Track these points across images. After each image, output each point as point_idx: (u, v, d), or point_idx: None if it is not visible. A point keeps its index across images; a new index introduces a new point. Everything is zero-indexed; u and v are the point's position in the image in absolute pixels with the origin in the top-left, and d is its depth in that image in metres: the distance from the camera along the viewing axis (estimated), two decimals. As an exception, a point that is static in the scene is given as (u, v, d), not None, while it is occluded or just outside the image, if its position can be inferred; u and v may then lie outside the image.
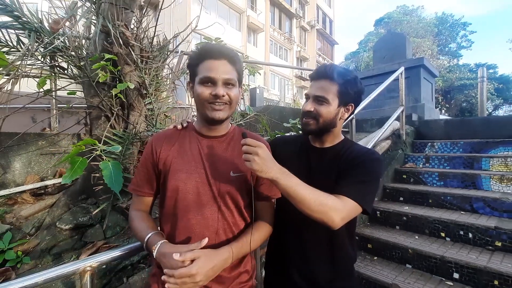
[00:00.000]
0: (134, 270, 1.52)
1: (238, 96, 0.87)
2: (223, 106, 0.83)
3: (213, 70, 0.81)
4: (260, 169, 0.71)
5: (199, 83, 0.83)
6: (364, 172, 0.88)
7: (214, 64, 0.81)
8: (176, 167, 0.85)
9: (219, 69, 0.81)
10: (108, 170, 1.22)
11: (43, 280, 0.91)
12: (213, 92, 0.81)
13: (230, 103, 0.84)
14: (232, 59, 0.84)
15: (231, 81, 0.83)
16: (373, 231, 2.37)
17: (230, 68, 0.83)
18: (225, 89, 0.82)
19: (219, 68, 0.81)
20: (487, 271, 1.72)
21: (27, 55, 1.90)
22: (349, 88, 0.95)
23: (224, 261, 0.78)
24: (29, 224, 1.80)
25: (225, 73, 0.82)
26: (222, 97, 0.81)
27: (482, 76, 5.00)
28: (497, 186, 2.54)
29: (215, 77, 0.81)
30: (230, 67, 0.83)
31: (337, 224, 0.77)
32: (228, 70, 0.82)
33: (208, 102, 0.82)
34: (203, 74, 0.82)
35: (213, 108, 0.82)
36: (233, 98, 0.84)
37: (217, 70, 0.81)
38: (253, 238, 0.85)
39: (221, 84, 0.82)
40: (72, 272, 0.97)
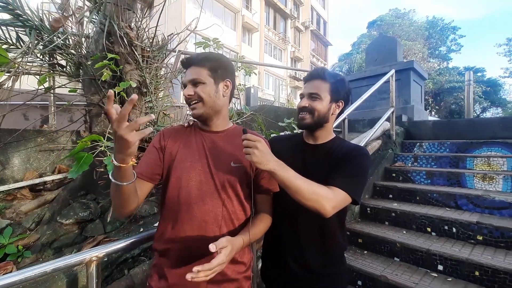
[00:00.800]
0: (135, 262, 1.57)
1: (208, 91, 0.92)
2: (194, 104, 0.93)
3: (185, 77, 0.95)
4: (259, 161, 0.78)
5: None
6: (353, 166, 0.98)
7: (186, 72, 0.96)
8: (181, 157, 0.93)
9: (187, 75, 0.94)
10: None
11: (51, 269, 0.96)
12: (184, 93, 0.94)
13: (201, 99, 0.92)
14: (199, 62, 0.93)
15: (197, 80, 0.92)
16: (363, 226, 2.48)
17: (197, 70, 0.93)
18: (193, 88, 0.92)
19: (187, 74, 0.95)
20: (468, 263, 1.84)
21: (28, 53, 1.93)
22: (339, 86, 1.07)
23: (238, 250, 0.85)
24: (29, 219, 1.82)
25: (190, 75, 0.93)
26: (189, 96, 0.92)
27: (469, 79, 5.19)
28: (480, 184, 2.67)
29: (184, 81, 0.95)
30: (198, 69, 0.93)
31: (328, 212, 0.85)
32: (193, 72, 0.93)
33: (187, 103, 0.96)
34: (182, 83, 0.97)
35: (191, 108, 0.94)
36: (201, 94, 0.92)
37: (186, 76, 0.95)
38: (253, 230, 0.92)
39: (189, 86, 0.93)
40: (79, 261, 1.02)
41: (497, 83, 19.88)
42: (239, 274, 0.95)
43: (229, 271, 0.92)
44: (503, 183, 2.57)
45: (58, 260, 0.99)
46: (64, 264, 0.99)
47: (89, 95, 1.94)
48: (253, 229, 0.93)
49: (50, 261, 0.98)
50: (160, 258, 0.92)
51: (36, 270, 0.93)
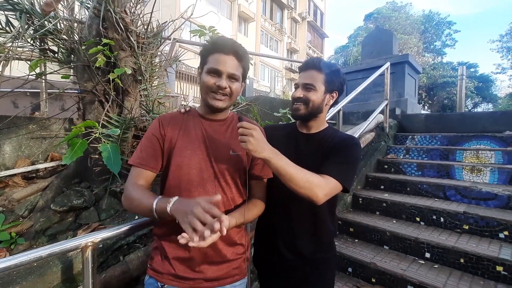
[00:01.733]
0: (130, 249, 1.59)
1: (239, 90, 0.96)
2: (224, 97, 0.91)
3: (221, 63, 0.89)
4: (254, 149, 0.79)
5: (206, 72, 0.91)
6: (344, 155, 1.01)
7: (222, 58, 0.89)
8: (181, 145, 0.93)
9: (226, 63, 0.89)
10: (107, 152, 1.27)
11: (47, 253, 0.95)
12: (217, 82, 0.89)
13: (231, 95, 0.93)
14: (240, 56, 0.92)
15: (235, 76, 0.91)
16: (355, 216, 2.54)
17: (236, 63, 0.91)
18: (228, 82, 0.90)
19: (226, 62, 0.89)
20: (454, 251, 1.92)
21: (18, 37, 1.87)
22: (334, 77, 1.08)
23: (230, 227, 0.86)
24: (22, 207, 1.81)
25: (231, 68, 0.90)
26: (224, 89, 0.90)
27: (462, 74, 5.26)
28: (468, 176, 2.75)
29: (221, 69, 0.89)
30: (237, 63, 0.92)
31: (320, 199, 0.88)
32: (234, 65, 0.91)
33: (211, 90, 0.91)
34: (211, 65, 0.90)
35: (214, 97, 0.91)
36: (234, 91, 0.93)
37: (224, 63, 0.89)
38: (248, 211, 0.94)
39: (225, 77, 0.90)
40: (75, 247, 1.01)
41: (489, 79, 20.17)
42: (238, 255, 0.98)
43: (228, 252, 0.94)
44: (490, 175, 2.65)
45: (53, 245, 0.98)
46: (59, 249, 0.99)
47: (82, 82, 1.90)
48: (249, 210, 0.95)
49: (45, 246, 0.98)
50: (161, 241, 0.94)
51: (32, 255, 0.93)
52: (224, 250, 0.92)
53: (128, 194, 0.89)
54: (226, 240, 0.92)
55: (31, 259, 0.93)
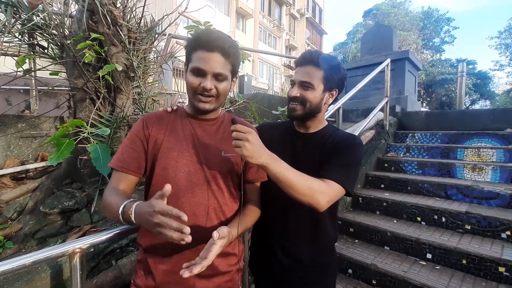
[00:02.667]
0: (123, 253, 1.52)
1: (227, 89, 0.87)
2: (210, 98, 0.84)
3: (205, 62, 0.80)
4: (251, 155, 0.72)
5: (190, 71, 0.83)
6: (347, 156, 0.94)
7: (206, 56, 0.80)
8: (167, 146, 0.85)
9: (210, 62, 0.80)
10: (96, 153, 1.20)
11: (31, 261, 0.89)
12: (202, 83, 0.81)
13: (218, 96, 0.85)
14: (226, 52, 0.82)
15: (222, 75, 0.83)
16: (355, 216, 2.49)
17: (222, 61, 0.82)
18: (214, 82, 0.82)
19: (211, 60, 0.80)
20: (456, 251, 1.87)
21: (4, 32, 1.79)
22: (334, 73, 0.99)
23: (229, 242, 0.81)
24: (11, 209, 1.74)
25: (216, 67, 0.81)
26: (209, 90, 0.82)
27: (462, 71, 5.21)
28: (469, 175, 2.71)
29: (205, 69, 0.80)
30: (223, 60, 0.82)
31: (323, 206, 0.82)
32: (220, 63, 0.81)
33: (196, 92, 0.83)
34: (195, 64, 0.81)
35: (200, 99, 0.83)
36: (221, 92, 0.84)
37: (208, 62, 0.80)
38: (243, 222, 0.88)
39: (210, 78, 0.81)
40: (61, 254, 0.95)
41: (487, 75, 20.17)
42: (231, 267, 0.92)
43: (220, 264, 0.88)
44: (492, 173, 2.61)
45: (38, 252, 0.93)
46: (44, 256, 0.93)
47: (73, 79, 1.82)
48: (243, 220, 0.88)
49: (29, 253, 0.92)
50: (145, 254, 0.87)
51: (15, 263, 0.87)
52: (215, 262, 0.85)
53: (104, 200, 0.82)
54: None
55: (13, 267, 0.87)
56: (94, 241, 1.03)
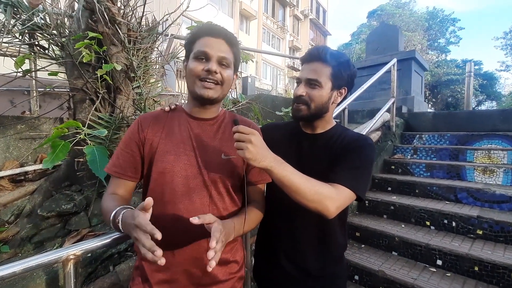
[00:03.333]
0: (121, 258, 1.48)
1: (231, 79, 0.83)
2: (213, 85, 0.79)
3: (209, 46, 0.78)
4: (254, 157, 0.67)
5: (193, 57, 0.79)
6: (357, 158, 0.87)
7: (211, 40, 0.79)
8: (163, 149, 0.80)
9: (215, 46, 0.78)
10: (92, 155, 1.16)
11: (21, 269, 0.85)
12: (205, 67, 0.77)
13: (222, 83, 0.80)
14: (230, 40, 0.81)
15: (226, 60, 0.80)
16: (361, 219, 2.42)
17: (227, 48, 0.81)
18: (219, 68, 0.78)
19: (215, 45, 0.78)
20: (468, 258, 1.79)
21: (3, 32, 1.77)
22: (343, 70, 0.92)
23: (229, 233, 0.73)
24: (8, 212, 1.71)
25: (221, 51, 0.79)
26: (214, 73, 0.77)
27: (470, 71, 5.09)
28: (480, 177, 2.62)
29: (210, 52, 0.77)
30: (227, 47, 0.81)
31: (332, 213, 0.76)
32: (224, 49, 0.80)
33: (199, 78, 0.78)
34: (198, 48, 0.78)
35: (203, 85, 0.78)
36: (225, 79, 0.80)
37: (213, 46, 0.78)
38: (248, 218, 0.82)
39: (215, 61, 0.78)
40: (54, 260, 0.91)
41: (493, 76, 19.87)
42: (232, 275, 0.86)
43: (219, 272, 0.83)
44: (503, 176, 2.52)
45: (29, 259, 0.88)
46: (36, 263, 0.89)
47: (72, 79, 1.79)
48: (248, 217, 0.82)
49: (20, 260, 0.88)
50: (142, 261, 0.82)
51: (4, 271, 0.83)
52: (215, 270, 0.80)
53: (101, 205, 0.83)
54: None
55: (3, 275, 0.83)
56: (88, 247, 0.98)
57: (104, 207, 0.80)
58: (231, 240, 0.86)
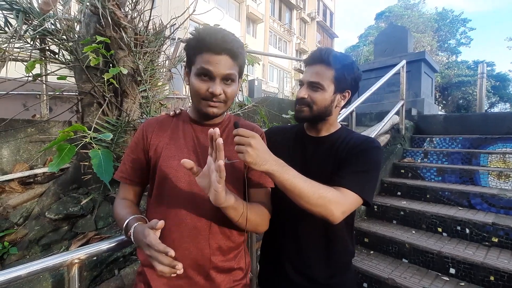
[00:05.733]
0: (126, 262, 1.47)
1: (235, 93, 0.81)
2: (218, 103, 0.77)
3: (212, 64, 0.73)
4: (254, 161, 0.65)
5: (196, 74, 0.75)
6: (364, 161, 0.84)
7: (214, 58, 0.73)
8: (167, 154, 0.79)
9: (219, 65, 0.73)
10: (97, 159, 1.16)
11: (26, 273, 0.86)
12: (210, 89, 0.74)
13: (226, 101, 0.79)
14: (234, 54, 0.75)
15: (231, 77, 0.76)
16: (370, 225, 2.36)
17: (231, 63, 0.75)
18: (223, 86, 0.76)
19: (219, 63, 0.73)
20: (483, 267, 1.72)
21: (15, 37, 1.81)
22: (346, 73, 0.90)
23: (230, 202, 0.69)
24: (17, 214, 1.73)
25: (225, 69, 0.74)
26: (218, 95, 0.75)
27: (482, 72, 4.95)
28: (494, 182, 2.52)
29: (213, 71, 0.73)
30: (232, 62, 0.75)
31: (337, 218, 0.73)
32: (228, 65, 0.75)
33: (203, 98, 0.76)
34: (201, 65, 0.74)
35: (208, 104, 0.77)
36: (229, 96, 0.78)
37: (217, 65, 0.73)
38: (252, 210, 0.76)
39: (219, 81, 0.75)
40: (59, 264, 0.91)
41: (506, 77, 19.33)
42: (236, 282, 0.84)
43: (224, 281, 0.80)
44: (520, 181, 2.42)
45: (34, 263, 0.89)
46: (41, 267, 0.89)
47: (80, 83, 1.81)
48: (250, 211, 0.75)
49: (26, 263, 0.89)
50: (144, 268, 0.81)
51: (9, 275, 0.83)
52: (218, 279, 0.78)
53: (113, 210, 0.86)
54: (220, 267, 0.78)
55: (8, 279, 0.83)
56: (93, 251, 0.98)
57: (116, 213, 0.83)
58: (236, 246, 0.84)
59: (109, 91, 1.71)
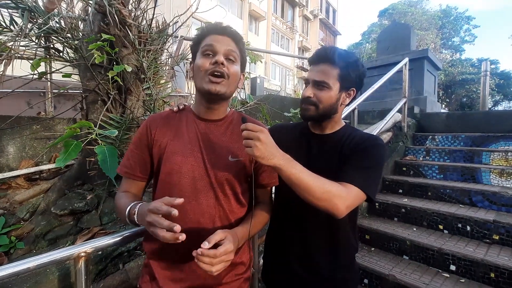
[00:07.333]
0: (131, 256, 1.50)
1: (238, 75, 0.84)
2: (220, 79, 0.78)
3: (215, 42, 0.79)
4: (262, 155, 0.66)
5: (200, 53, 0.80)
6: (367, 158, 0.86)
7: (217, 37, 0.80)
8: (171, 150, 0.81)
9: (222, 42, 0.80)
10: (103, 155, 1.18)
11: (35, 265, 0.88)
12: (213, 60, 0.78)
13: (229, 77, 0.80)
14: (235, 37, 0.83)
15: (233, 55, 0.81)
16: (371, 222, 2.37)
17: (233, 44, 0.82)
18: (226, 61, 0.79)
19: (221, 40, 0.80)
20: (484, 264, 1.73)
21: (20, 36, 1.83)
22: (351, 71, 0.91)
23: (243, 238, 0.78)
24: (23, 209, 1.77)
25: (228, 46, 0.80)
26: (221, 65, 0.77)
27: (486, 70, 4.92)
28: (496, 180, 2.53)
29: (217, 46, 0.79)
30: (233, 43, 0.82)
31: (342, 212, 0.75)
32: (231, 44, 0.81)
33: (206, 72, 0.78)
34: (205, 44, 0.80)
35: (211, 80, 0.78)
36: (231, 73, 0.80)
37: (219, 42, 0.79)
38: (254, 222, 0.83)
39: (222, 54, 0.79)
40: (66, 257, 0.94)
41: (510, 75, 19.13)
42: (238, 276, 0.86)
43: (226, 274, 0.83)
44: (522, 179, 2.42)
45: (42, 256, 0.91)
46: (49, 260, 0.91)
47: (85, 81, 1.84)
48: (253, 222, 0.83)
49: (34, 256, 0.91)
50: (150, 260, 0.84)
51: (18, 267, 0.86)
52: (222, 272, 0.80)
53: (115, 202, 0.86)
54: None
55: (18, 271, 0.86)
56: (99, 245, 1.00)
57: (118, 203, 0.83)
58: None
59: (113, 89, 1.73)
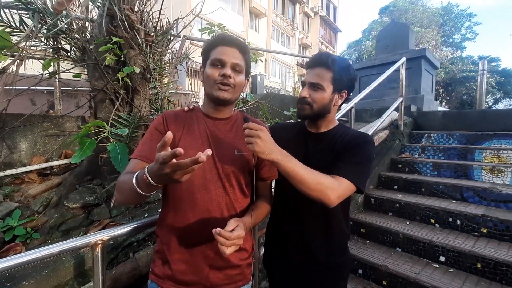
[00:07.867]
0: (140, 246, 1.61)
1: (242, 83, 0.94)
2: (228, 87, 0.89)
3: (224, 54, 0.89)
4: (262, 150, 0.76)
5: (210, 64, 0.91)
6: (358, 154, 0.96)
7: (225, 49, 0.90)
8: (184, 144, 0.90)
9: (229, 54, 0.90)
10: (115, 152, 1.28)
11: (58, 251, 0.97)
12: (221, 72, 0.88)
13: (235, 86, 0.91)
14: (242, 49, 0.93)
15: (239, 67, 0.91)
16: (366, 216, 2.48)
17: (239, 55, 0.92)
18: (232, 73, 0.90)
19: (229, 53, 0.90)
20: (471, 255, 1.83)
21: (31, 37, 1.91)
22: (343, 75, 1.02)
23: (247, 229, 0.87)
24: (37, 203, 1.87)
25: (234, 58, 0.90)
26: (228, 77, 0.88)
27: (483, 69, 5.00)
28: (487, 177, 2.63)
29: (225, 59, 0.89)
30: (240, 55, 0.92)
31: (333, 201, 0.84)
32: (237, 56, 0.91)
33: (215, 82, 0.89)
34: (214, 56, 0.90)
35: (219, 87, 0.89)
36: (237, 83, 0.91)
37: (228, 54, 0.90)
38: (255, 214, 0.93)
39: (229, 66, 0.89)
40: (85, 244, 1.03)
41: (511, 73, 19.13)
42: (242, 261, 0.96)
43: (232, 257, 0.92)
44: (511, 176, 2.52)
45: (64, 243, 1.00)
46: (70, 246, 1.01)
47: (93, 81, 1.93)
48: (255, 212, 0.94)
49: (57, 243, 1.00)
50: (163, 244, 0.93)
51: (43, 252, 0.95)
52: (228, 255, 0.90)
53: (118, 182, 0.83)
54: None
55: (43, 256, 0.95)
56: (114, 233, 1.10)
57: (121, 180, 0.81)
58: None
59: (121, 88, 1.82)
